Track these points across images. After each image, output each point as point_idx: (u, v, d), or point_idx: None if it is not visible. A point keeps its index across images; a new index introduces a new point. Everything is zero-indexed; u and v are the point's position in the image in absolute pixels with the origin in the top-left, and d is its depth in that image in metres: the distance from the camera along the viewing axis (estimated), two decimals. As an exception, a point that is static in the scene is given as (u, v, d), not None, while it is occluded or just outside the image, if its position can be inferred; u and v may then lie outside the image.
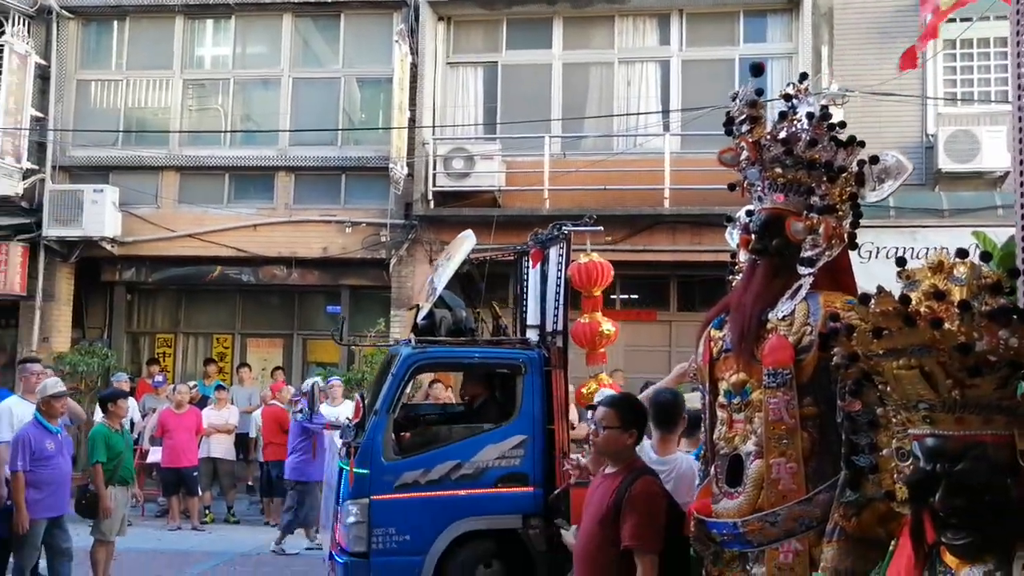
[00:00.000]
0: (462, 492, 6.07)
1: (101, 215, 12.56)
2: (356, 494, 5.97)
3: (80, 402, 9.33)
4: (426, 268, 12.65)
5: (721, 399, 3.38)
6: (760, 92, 3.54)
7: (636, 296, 13.32)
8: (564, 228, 6.72)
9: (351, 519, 5.95)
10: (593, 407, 5.74)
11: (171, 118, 13.36)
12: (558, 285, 6.65)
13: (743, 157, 3.52)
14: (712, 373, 3.48)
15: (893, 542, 2.66)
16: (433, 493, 6.03)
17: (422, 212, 12.34)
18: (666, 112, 12.42)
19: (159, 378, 12.16)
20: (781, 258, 3.36)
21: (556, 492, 6.01)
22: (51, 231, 12.65)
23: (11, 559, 6.82)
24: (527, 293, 7.73)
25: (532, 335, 7.18)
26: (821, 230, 3.29)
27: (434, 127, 12.57)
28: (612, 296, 13.24)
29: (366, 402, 6.65)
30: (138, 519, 8.96)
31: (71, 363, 12.15)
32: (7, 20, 12.68)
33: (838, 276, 3.35)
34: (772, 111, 3.58)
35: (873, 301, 2.65)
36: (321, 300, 13.60)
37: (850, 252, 3.43)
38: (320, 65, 13.49)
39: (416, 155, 12.37)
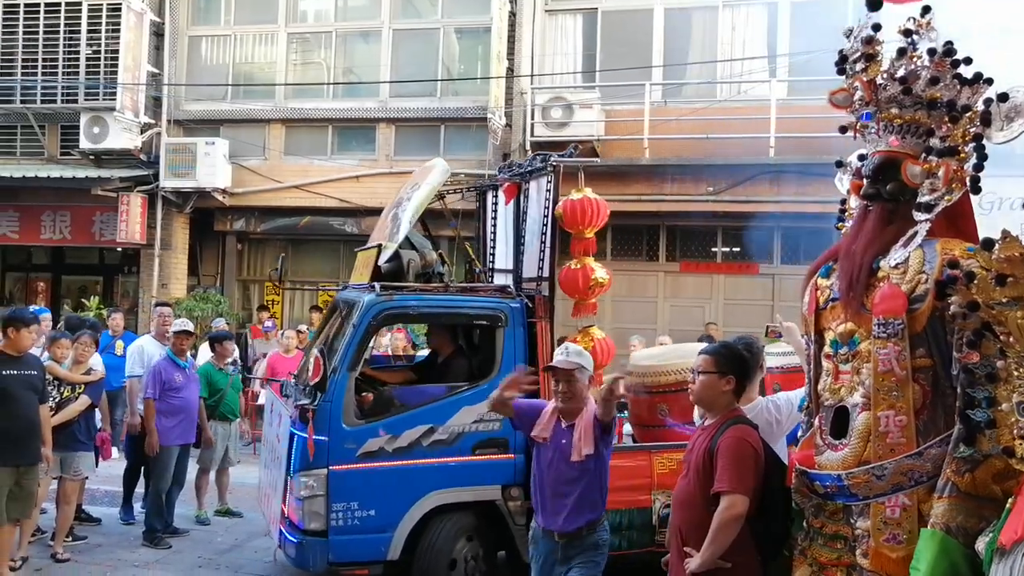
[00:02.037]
0: (434, 460, 5.32)
1: (213, 167, 13.07)
2: (312, 464, 5.14)
3: (194, 345, 9.81)
4: (524, 219, 12.71)
5: (827, 349, 3.28)
6: (877, 27, 3.35)
7: (737, 249, 13.01)
8: (551, 159, 5.89)
9: (306, 493, 5.14)
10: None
11: (277, 71, 13.68)
12: (544, 224, 5.82)
13: (857, 97, 3.37)
14: (818, 323, 3.38)
15: (1010, 500, 2.55)
16: (401, 462, 5.27)
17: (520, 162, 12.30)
18: (773, 57, 11.93)
19: (268, 324, 12.66)
20: (895, 203, 3.21)
21: None
22: (167, 183, 13.23)
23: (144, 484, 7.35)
24: (495, 233, 6.92)
25: (501, 280, 6.51)
26: (940, 173, 3.12)
27: (532, 76, 12.45)
28: (713, 249, 12.99)
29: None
30: (250, 457, 9.41)
31: (187, 308, 12.77)
32: (123, -21, 13.15)
33: (957, 222, 3.18)
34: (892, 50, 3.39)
35: (997, 247, 2.51)
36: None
37: (972, 198, 3.25)
38: (419, 16, 13.52)
39: (514, 105, 12.31)
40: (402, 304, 5.55)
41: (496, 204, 6.88)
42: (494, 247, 6.93)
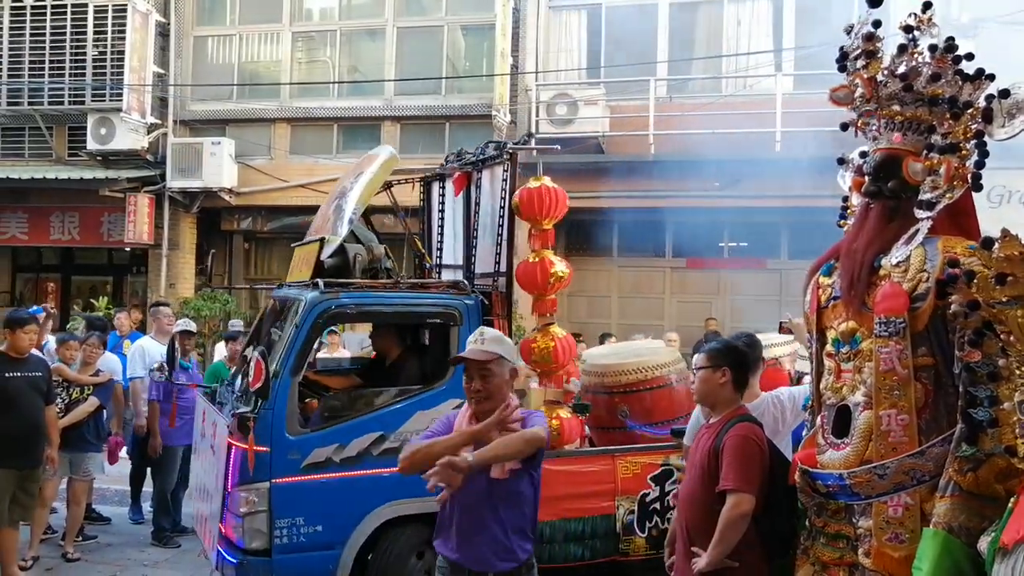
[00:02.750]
0: (386, 471, 4.79)
1: (219, 166, 13.11)
2: (253, 477, 4.68)
3: (203, 344, 9.86)
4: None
5: (829, 348, 3.27)
6: (878, 24, 3.33)
7: (745, 244, 12.98)
8: (507, 146, 5.53)
9: (246, 509, 4.69)
10: (550, 370, 5.22)
11: (282, 71, 13.71)
12: (500, 216, 5.47)
13: (857, 94, 3.34)
14: (820, 321, 3.37)
15: (1012, 499, 2.54)
16: (350, 473, 4.87)
17: (524, 159, 12.28)
18: (778, 51, 11.89)
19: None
20: (897, 201, 3.19)
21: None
22: (174, 182, 13.28)
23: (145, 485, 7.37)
24: (442, 226, 6.56)
25: (450, 276, 6.18)
26: (942, 171, 3.10)
27: (537, 73, 12.45)
28: (720, 244, 12.96)
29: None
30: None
31: (195, 308, 12.83)
32: (129, -20, 13.20)
33: (959, 219, 3.16)
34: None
35: (997, 245, 2.50)
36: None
37: (975, 195, 3.23)
38: (423, 13, 13.53)
39: (519, 102, 12.31)
40: (349, 302, 5.12)
41: (443, 196, 6.54)
42: (441, 241, 6.57)
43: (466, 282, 5.60)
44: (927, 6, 3.40)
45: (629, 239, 13.17)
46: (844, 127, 3.52)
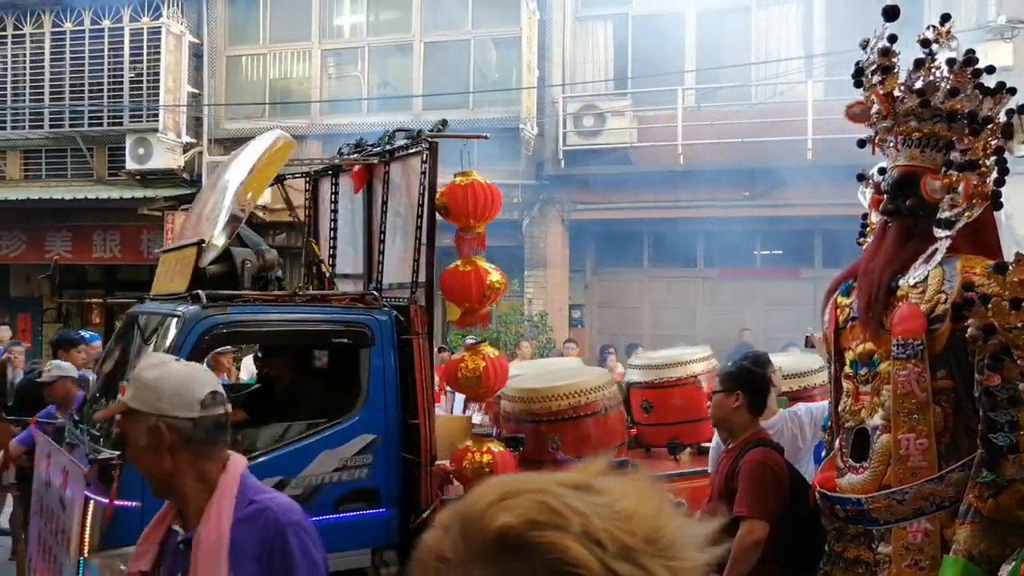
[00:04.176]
0: None
1: (252, 184, 13.28)
2: (117, 540, 3.65)
3: (237, 359, 9.97)
4: (559, 229, 12.71)
5: (847, 369, 3.22)
6: (893, 39, 3.27)
7: (779, 252, 12.84)
8: (424, 133, 4.72)
9: None
10: (479, 395, 4.59)
11: (312, 88, 13.87)
12: (419, 216, 4.64)
13: (874, 111, 3.29)
14: (838, 342, 3.32)
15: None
16: None
17: (553, 172, 12.30)
18: (808, 57, 11.76)
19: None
20: (915, 219, 3.14)
21: (423, 515, 4.25)
22: (209, 200, 13.49)
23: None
24: (334, 229, 5.78)
25: (348, 288, 5.36)
26: (961, 188, 3.04)
27: (563, 85, 12.45)
28: (752, 253, 12.83)
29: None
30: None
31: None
32: (163, 3, 13.48)
33: (980, 237, 3.10)
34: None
35: (1011, 269, 2.45)
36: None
37: (996, 213, 3.16)
38: (450, 28, 13.61)
39: (546, 114, 12.31)
40: (240, 318, 4.25)
41: (336, 194, 5.71)
42: (334, 248, 5.75)
43: (376, 294, 4.77)
44: (945, 18, 3.35)
45: (660, 250, 13.09)
46: (861, 144, 3.47)
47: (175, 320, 4.18)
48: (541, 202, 12.54)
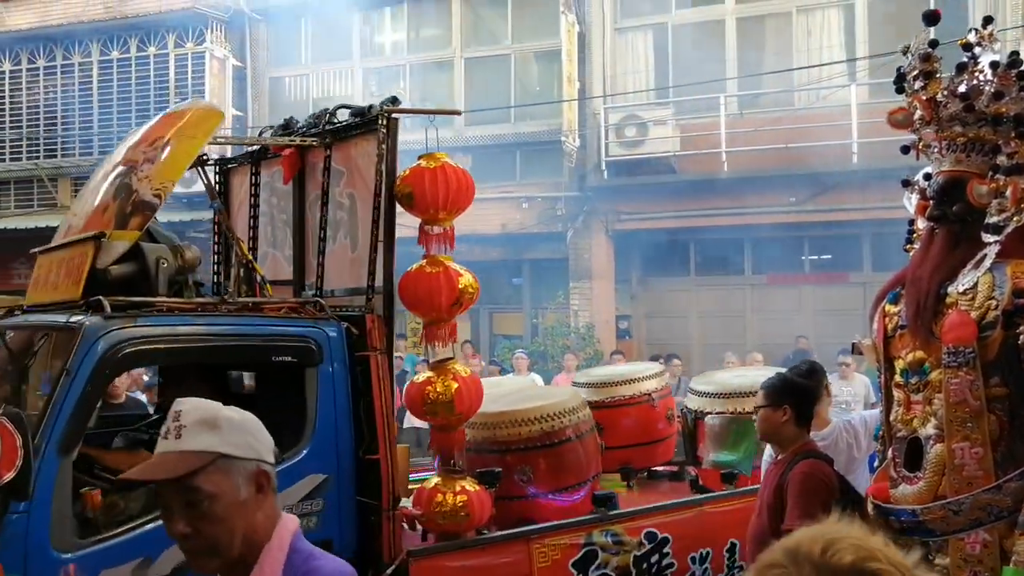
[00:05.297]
0: None
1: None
2: None
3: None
4: (603, 240, 12.69)
5: (898, 379, 3.17)
6: (935, 44, 3.24)
7: (827, 257, 12.67)
8: (380, 108, 3.89)
9: None
10: (451, 423, 3.72)
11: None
12: (375, 208, 3.82)
13: (916, 117, 3.26)
14: (888, 351, 3.27)
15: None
16: None
17: (596, 183, 12.31)
18: (852, 61, 11.61)
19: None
20: (962, 225, 3.09)
21: (387, 571, 3.57)
22: (257, 221, 13.77)
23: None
24: (255, 225, 4.74)
25: (282, 295, 4.30)
26: (1008, 192, 2.99)
27: (605, 96, 12.47)
28: (800, 259, 12.67)
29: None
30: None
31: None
32: (207, 29, 13.83)
33: (1031, 241, 3.04)
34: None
35: (1061, 275, 2.40)
36: (504, 274, 13.95)
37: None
38: (491, 43, 13.72)
39: (588, 126, 12.34)
40: (154, 332, 3.40)
41: (256, 184, 4.72)
42: (253, 247, 4.70)
43: (321, 302, 3.90)
44: (987, 21, 3.30)
45: (706, 258, 13.01)
46: (905, 150, 3.43)
47: (69, 334, 3.29)
48: (585, 213, 12.55)
